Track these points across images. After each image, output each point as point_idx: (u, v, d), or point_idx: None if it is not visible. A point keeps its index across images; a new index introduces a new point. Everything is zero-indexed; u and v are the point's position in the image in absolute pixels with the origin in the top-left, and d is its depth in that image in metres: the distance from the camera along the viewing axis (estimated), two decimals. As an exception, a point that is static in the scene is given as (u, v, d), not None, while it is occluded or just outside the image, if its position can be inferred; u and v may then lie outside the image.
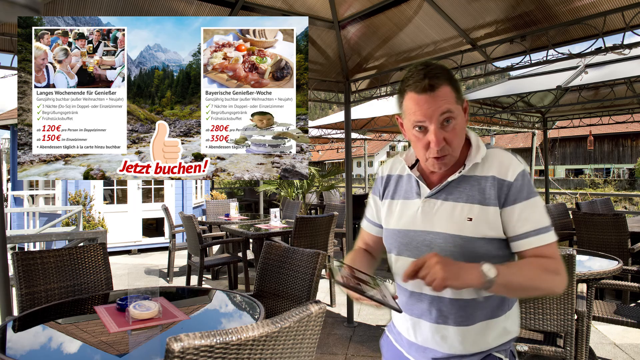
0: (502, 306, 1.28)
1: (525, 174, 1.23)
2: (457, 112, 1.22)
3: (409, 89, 1.22)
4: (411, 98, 1.22)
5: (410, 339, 1.36)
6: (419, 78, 1.19)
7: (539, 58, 3.31)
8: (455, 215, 1.25)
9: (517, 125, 8.19)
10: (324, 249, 5.07)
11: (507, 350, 1.30)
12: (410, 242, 1.31)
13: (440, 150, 1.21)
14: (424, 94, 1.19)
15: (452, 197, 1.27)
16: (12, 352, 1.70)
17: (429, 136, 1.21)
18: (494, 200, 1.22)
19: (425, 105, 1.19)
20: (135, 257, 8.36)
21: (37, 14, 0.72)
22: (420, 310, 1.31)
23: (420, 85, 1.19)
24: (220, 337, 1.12)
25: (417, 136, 1.24)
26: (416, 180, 1.35)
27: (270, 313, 2.67)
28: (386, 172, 1.47)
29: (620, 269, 3.05)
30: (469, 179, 1.27)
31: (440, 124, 1.20)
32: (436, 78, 1.19)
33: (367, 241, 1.54)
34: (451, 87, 1.21)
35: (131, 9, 3.29)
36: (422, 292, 1.29)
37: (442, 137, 1.20)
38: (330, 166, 35.21)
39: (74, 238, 4.11)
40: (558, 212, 6.05)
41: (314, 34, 4.03)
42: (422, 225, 1.30)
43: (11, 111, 9.26)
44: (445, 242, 1.24)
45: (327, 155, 36.03)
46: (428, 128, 1.21)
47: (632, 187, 28.30)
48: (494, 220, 1.22)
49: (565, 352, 2.55)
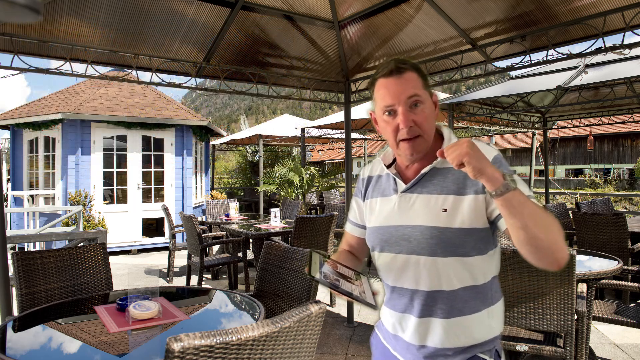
0: (485, 300, 1.29)
1: (500, 158, 1.24)
2: (424, 97, 1.26)
3: (378, 76, 1.29)
4: (380, 84, 1.28)
5: (397, 334, 1.37)
6: (386, 65, 1.27)
7: (539, 58, 3.31)
8: (430, 207, 1.26)
9: (517, 125, 8.19)
10: (324, 249, 5.07)
11: (492, 350, 1.30)
12: (390, 238, 1.33)
13: (409, 130, 1.24)
14: (391, 77, 1.25)
15: (427, 190, 1.29)
16: (12, 352, 1.70)
17: (397, 118, 1.25)
18: (471, 188, 1.23)
19: (393, 87, 1.25)
20: (135, 257, 8.36)
21: (37, 14, 0.72)
22: (404, 305, 1.32)
23: (388, 68, 1.26)
24: (220, 337, 1.12)
25: (387, 121, 1.28)
26: (393, 177, 1.38)
27: (270, 313, 2.67)
28: (367, 173, 1.50)
29: (620, 269, 3.05)
30: (442, 171, 1.29)
31: (409, 107, 1.24)
32: (402, 64, 1.26)
33: (350, 243, 1.55)
34: (418, 74, 1.27)
35: (131, 9, 3.29)
36: (403, 286, 1.31)
37: (410, 118, 1.24)
38: (330, 166, 35.20)
39: (74, 238, 4.11)
40: (558, 212, 6.05)
41: (314, 34, 4.03)
42: (399, 220, 1.32)
43: (11, 111, 9.25)
44: (422, 234, 1.26)
45: (327, 155, 36.03)
46: (397, 110, 1.25)
47: (632, 187, 28.29)
48: (471, 208, 1.22)
49: (565, 352, 2.55)
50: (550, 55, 3.22)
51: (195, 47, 3.87)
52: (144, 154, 8.88)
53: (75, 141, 8.24)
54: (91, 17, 3.28)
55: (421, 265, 1.27)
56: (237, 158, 19.44)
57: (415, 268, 1.28)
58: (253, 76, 4.25)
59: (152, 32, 3.57)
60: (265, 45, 4.08)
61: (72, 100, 8.55)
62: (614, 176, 31.03)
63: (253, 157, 16.66)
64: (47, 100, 9.19)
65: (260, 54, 4.17)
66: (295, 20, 3.79)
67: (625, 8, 2.76)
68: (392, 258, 1.33)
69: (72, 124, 8.22)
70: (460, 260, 1.24)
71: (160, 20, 3.45)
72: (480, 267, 1.26)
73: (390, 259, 1.34)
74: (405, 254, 1.29)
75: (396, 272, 1.33)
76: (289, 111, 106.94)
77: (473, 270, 1.25)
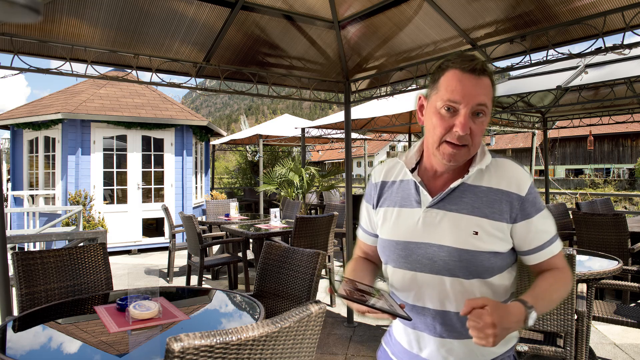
0: None
1: (534, 186, 1.21)
2: (488, 111, 1.16)
3: (454, 66, 1.14)
4: (454, 75, 1.14)
5: (413, 352, 1.30)
6: (468, 59, 1.14)
7: (539, 58, 3.30)
8: (461, 229, 1.17)
9: (517, 125, 8.19)
10: (324, 249, 5.07)
11: (510, 356, 1.28)
12: (410, 255, 1.23)
13: (462, 137, 1.13)
14: (470, 74, 1.12)
15: (456, 208, 1.19)
16: (12, 352, 1.70)
17: (457, 119, 1.13)
18: (505, 215, 1.17)
19: (469, 85, 1.12)
20: (135, 257, 8.36)
21: (37, 14, 0.72)
22: (424, 324, 1.25)
23: (470, 65, 1.13)
24: (220, 337, 1.12)
25: (443, 116, 1.15)
26: (416, 186, 1.26)
27: (270, 313, 2.66)
28: (380, 178, 1.37)
29: (620, 269, 3.05)
30: (474, 189, 1.20)
31: (473, 113, 1.14)
32: (486, 66, 1.15)
33: (365, 250, 1.48)
34: (492, 85, 1.16)
35: (131, 9, 3.29)
36: (425, 306, 1.24)
37: (468, 126, 1.13)
38: (330, 166, 35.22)
39: (74, 238, 4.11)
40: (558, 212, 6.05)
41: (314, 34, 4.03)
42: (423, 237, 1.22)
43: (11, 111, 9.25)
44: (450, 255, 1.17)
45: (327, 155, 36.04)
46: (459, 111, 1.13)
47: (632, 187, 28.29)
48: (501, 235, 1.18)
49: (565, 352, 2.55)
50: (550, 55, 3.21)
51: (195, 47, 3.87)
52: (144, 154, 8.88)
53: (75, 141, 8.24)
54: (91, 17, 3.27)
55: (447, 286, 1.19)
56: (237, 158, 19.45)
57: (440, 288, 1.20)
58: (253, 76, 4.25)
59: (152, 32, 3.57)
60: (265, 45, 4.08)
61: (72, 100, 8.55)
62: (614, 176, 31.03)
63: (253, 157, 16.66)
64: (47, 100, 9.19)
65: (260, 54, 4.17)
66: (295, 20, 3.79)
67: (625, 8, 2.76)
68: (412, 276, 1.24)
69: (72, 124, 8.22)
70: (484, 281, 1.20)
71: (160, 20, 3.45)
72: (501, 285, 1.24)
73: (409, 277, 1.25)
74: (428, 273, 1.21)
75: (417, 291, 1.24)
76: (289, 111, 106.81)
77: (495, 289, 1.22)
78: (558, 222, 5.88)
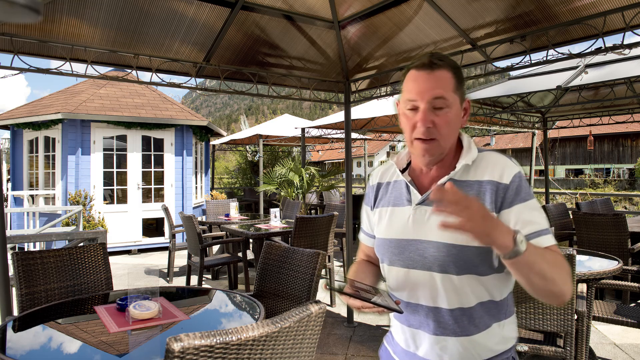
0: (500, 315, 1.24)
1: (521, 176, 1.18)
2: (452, 101, 1.18)
3: (411, 67, 1.22)
4: (410, 75, 1.21)
5: (410, 350, 1.31)
6: (423, 57, 1.20)
7: (539, 58, 3.30)
8: None
9: (517, 125, 8.19)
10: (324, 249, 5.06)
11: (510, 356, 1.27)
12: (402, 252, 1.27)
13: (426, 131, 1.17)
14: (422, 70, 1.19)
15: None
16: (12, 352, 1.70)
17: (417, 115, 1.18)
18: (489, 205, 1.17)
19: (421, 82, 1.18)
20: (135, 257, 8.36)
21: (37, 14, 0.72)
22: (418, 322, 1.27)
23: (421, 61, 1.19)
24: (220, 337, 1.12)
25: (408, 115, 1.21)
26: (406, 185, 1.30)
27: (270, 313, 2.66)
28: (376, 180, 1.42)
29: (620, 269, 3.05)
30: (461, 184, 1.21)
31: (432, 107, 1.17)
32: (439, 60, 1.19)
33: (367, 252, 1.50)
34: (452, 75, 1.20)
35: (131, 9, 3.29)
36: (419, 303, 1.25)
37: (430, 119, 1.17)
38: (330, 166, 35.22)
39: (74, 238, 4.11)
40: (558, 212, 6.05)
41: (314, 34, 4.03)
42: (413, 234, 1.25)
43: (11, 111, 9.25)
44: (438, 251, 1.19)
45: (327, 155, 36.04)
46: (419, 108, 1.18)
47: (632, 187, 28.29)
48: None
49: (565, 352, 2.55)
50: (550, 55, 3.21)
51: (195, 47, 3.87)
52: (144, 154, 8.88)
53: (75, 141, 8.24)
54: (91, 17, 3.28)
55: (438, 282, 1.21)
56: (237, 158, 19.45)
57: (431, 285, 1.22)
58: (253, 76, 4.25)
59: (152, 32, 3.57)
60: (265, 45, 4.08)
61: (72, 100, 8.55)
62: (614, 176, 31.04)
63: (253, 157, 16.66)
64: (47, 100, 9.19)
65: (260, 54, 4.17)
66: (295, 20, 3.79)
67: (625, 8, 2.76)
68: (405, 273, 1.27)
69: (72, 124, 8.22)
70: (477, 278, 1.19)
71: (160, 20, 3.45)
72: (496, 285, 1.22)
73: (402, 274, 1.28)
74: (420, 269, 1.23)
75: (410, 288, 1.27)
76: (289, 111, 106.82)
77: (489, 288, 1.21)
78: (558, 222, 5.88)
